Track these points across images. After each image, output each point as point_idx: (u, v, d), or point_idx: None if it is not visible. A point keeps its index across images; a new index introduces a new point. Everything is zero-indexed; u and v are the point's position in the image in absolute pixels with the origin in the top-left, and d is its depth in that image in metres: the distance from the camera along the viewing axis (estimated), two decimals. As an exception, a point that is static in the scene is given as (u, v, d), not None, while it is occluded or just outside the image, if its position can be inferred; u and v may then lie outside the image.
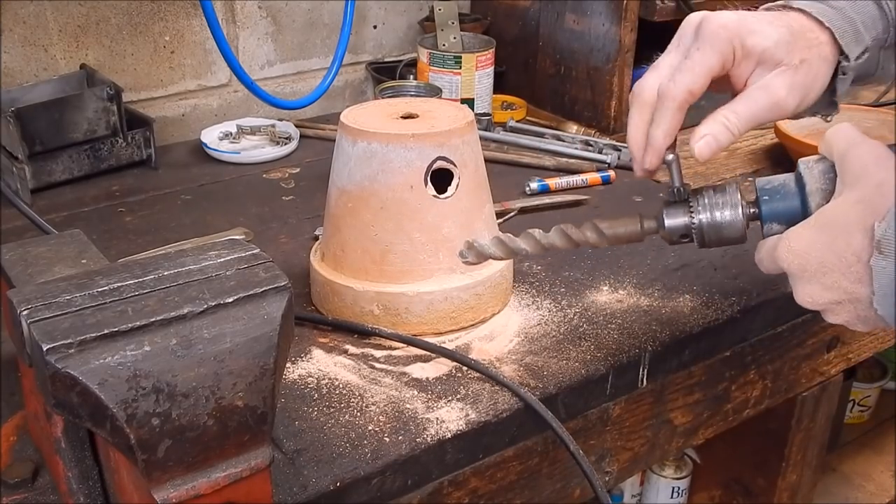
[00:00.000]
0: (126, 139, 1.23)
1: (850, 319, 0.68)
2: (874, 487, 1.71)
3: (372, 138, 0.83)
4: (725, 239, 0.75)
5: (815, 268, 0.66)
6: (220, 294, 0.54)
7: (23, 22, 1.21)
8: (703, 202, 0.75)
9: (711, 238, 0.75)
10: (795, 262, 0.67)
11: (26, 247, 0.65)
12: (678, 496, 1.46)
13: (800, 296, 0.68)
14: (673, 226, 0.75)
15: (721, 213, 0.74)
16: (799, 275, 0.67)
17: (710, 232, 0.74)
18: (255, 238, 1.05)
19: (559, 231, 0.76)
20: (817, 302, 0.68)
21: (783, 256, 0.68)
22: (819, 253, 0.65)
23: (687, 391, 0.93)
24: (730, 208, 0.74)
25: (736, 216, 0.74)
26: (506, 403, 0.77)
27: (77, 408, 0.49)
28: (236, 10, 1.38)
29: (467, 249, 0.78)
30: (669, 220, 0.75)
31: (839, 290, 0.65)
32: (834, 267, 0.65)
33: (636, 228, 0.77)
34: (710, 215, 0.74)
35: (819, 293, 0.67)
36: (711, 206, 0.74)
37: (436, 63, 1.36)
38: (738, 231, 0.74)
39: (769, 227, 0.74)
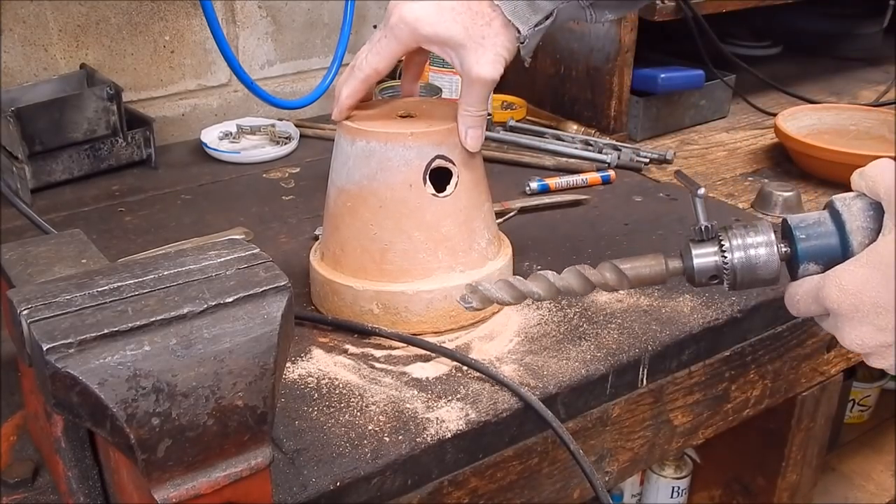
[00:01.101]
0: (126, 139, 1.23)
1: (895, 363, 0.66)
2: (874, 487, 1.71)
3: (371, 137, 0.83)
4: (759, 280, 0.70)
5: (869, 308, 0.63)
6: (220, 294, 0.54)
7: (23, 22, 1.21)
8: (735, 241, 0.70)
9: (745, 279, 0.70)
10: (847, 302, 0.64)
11: (26, 246, 0.65)
12: (678, 496, 1.46)
13: (849, 338, 0.66)
14: (702, 267, 0.71)
15: (756, 252, 0.69)
16: (850, 316, 0.64)
17: (744, 273, 0.70)
18: (254, 238, 1.05)
19: (575, 272, 0.71)
20: (867, 344, 0.65)
21: (832, 296, 0.65)
22: (874, 293, 0.63)
23: (687, 391, 0.93)
24: (765, 247, 0.69)
25: (771, 255, 0.69)
26: (506, 403, 0.77)
27: (77, 407, 0.49)
28: (236, 10, 1.38)
29: (471, 293, 0.72)
30: (699, 260, 0.71)
31: (892, 332, 0.63)
32: (889, 307, 0.62)
33: (661, 269, 0.72)
34: (744, 254, 0.69)
35: (870, 335, 0.64)
36: (745, 245, 0.70)
37: (436, 63, 1.36)
38: (773, 271, 0.70)
39: (805, 268, 0.70)
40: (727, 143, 1.42)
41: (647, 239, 1.06)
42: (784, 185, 1.18)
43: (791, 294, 0.71)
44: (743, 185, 1.24)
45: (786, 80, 1.66)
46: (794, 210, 1.14)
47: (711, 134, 1.45)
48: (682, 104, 1.45)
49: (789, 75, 1.72)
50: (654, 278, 0.73)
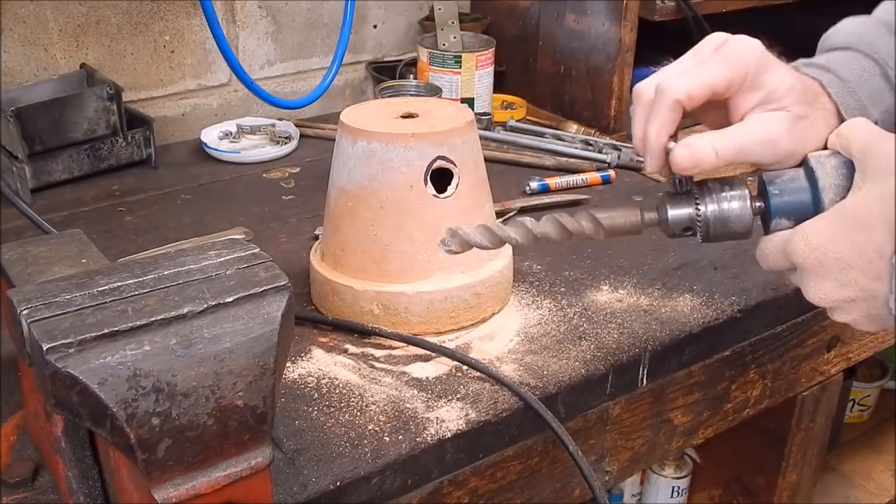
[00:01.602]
0: (126, 139, 1.23)
1: (859, 318, 0.67)
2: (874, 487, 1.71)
3: (372, 138, 0.83)
4: (732, 233, 0.72)
5: (833, 263, 0.64)
6: (220, 293, 0.54)
7: (23, 21, 1.21)
8: (709, 194, 0.72)
9: (717, 231, 0.72)
10: (812, 257, 0.65)
11: (26, 246, 0.65)
12: (678, 496, 1.46)
13: (812, 292, 0.67)
14: (676, 218, 0.73)
15: (729, 206, 0.71)
16: (814, 270, 0.66)
17: (717, 225, 0.72)
18: (254, 237, 1.05)
19: (552, 220, 0.72)
20: (830, 299, 0.66)
21: (798, 250, 0.66)
22: (838, 247, 0.64)
23: (687, 391, 0.93)
24: (738, 201, 0.71)
25: (744, 208, 0.71)
26: (506, 403, 0.77)
27: (77, 407, 0.49)
28: (236, 10, 1.38)
29: (450, 237, 0.73)
30: (673, 211, 0.73)
31: (855, 287, 0.64)
32: (853, 262, 0.63)
33: (636, 220, 0.74)
34: (717, 207, 0.72)
35: (833, 290, 0.65)
36: (718, 198, 0.72)
37: (436, 62, 1.36)
38: (745, 225, 0.71)
39: (777, 223, 0.71)
40: (727, 142, 1.42)
41: (647, 238, 1.05)
42: (784, 184, 1.18)
43: (762, 248, 0.72)
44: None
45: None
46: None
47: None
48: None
49: (789, 75, 1.72)
50: (630, 228, 0.74)
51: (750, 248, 1.02)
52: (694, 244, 0.77)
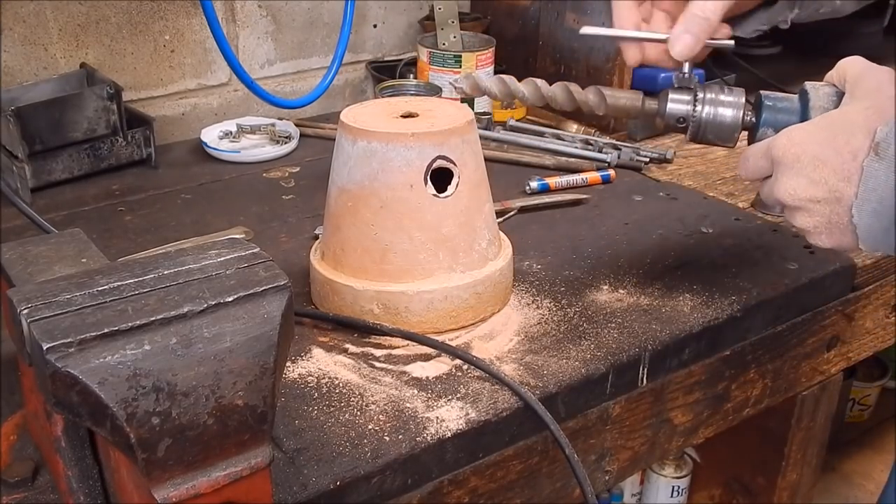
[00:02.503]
0: (126, 138, 1.23)
1: (820, 225, 0.68)
2: (874, 486, 1.71)
3: (372, 137, 0.83)
4: (718, 137, 0.78)
5: (809, 160, 0.67)
6: (220, 293, 0.54)
7: (23, 21, 1.21)
8: (709, 95, 0.77)
9: (706, 133, 0.78)
10: (791, 152, 0.68)
11: (26, 246, 0.65)
12: (678, 495, 1.46)
13: (781, 188, 0.69)
14: (673, 110, 0.78)
15: (724, 111, 0.77)
16: (790, 165, 0.68)
17: (707, 126, 0.77)
18: (254, 237, 1.05)
19: (562, 86, 0.77)
20: (798, 196, 0.68)
21: (780, 145, 0.69)
22: (817, 146, 0.66)
23: (687, 390, 0.93)
24: (733, 108, 0.77)
25: (736, 118, 0.77)
26: (506, 403, 0.77)
27: (77, 407, 0.49)
28: (236, 10, 1.38)
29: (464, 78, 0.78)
30: (672, 104, 0.78)
31: (824, 187, 0.66)
32: (828, 161, 0.66)
33: (637, 103, 0.79)
34: (713, 110, 0.77)
35: (803, 187, 0.68)
36: (716, 101, 0.77)
37: (436, 62, 1.36)
38: (733, 131, 0.77)
39: (763, 132, 0.76)
40: (727, 142, 1.42)
41: (648, 238, 1.06)
42: (784, 184, 1.18)
43: (745, 155, 0.75)
44: (743, 185, 1.24)
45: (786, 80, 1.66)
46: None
47: (711, 133, 1.45)
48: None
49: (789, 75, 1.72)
50: (630, 110, 0.80)
51: (750, 249, 1.03)
52: (694, 244, 0.79)
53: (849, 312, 1.07)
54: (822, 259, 1.02)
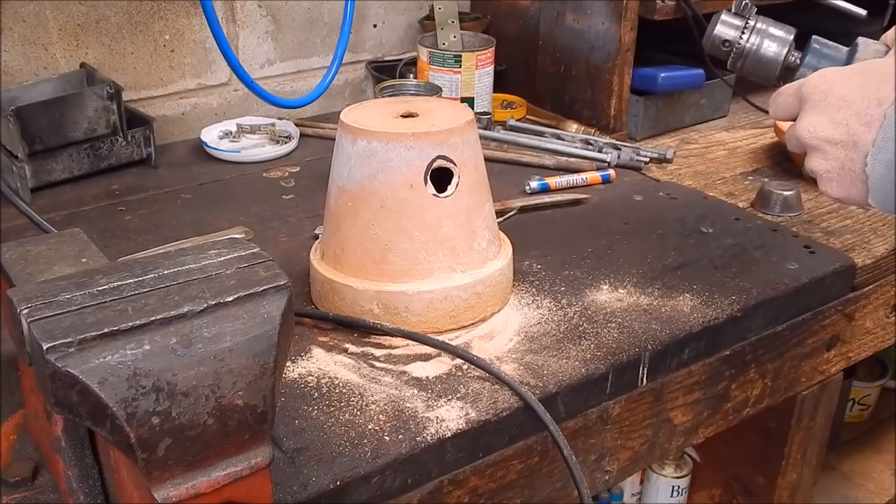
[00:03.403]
0: (126, 138, 1.23)
1: (832, 169, 0.68)
2: (874, 486, 1.71)
3: (372, 137, 0.83)
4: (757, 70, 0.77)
5: (835, 100, 0.67)
6: (220, 293, 0.54)
7: (23, 21, 1.21)
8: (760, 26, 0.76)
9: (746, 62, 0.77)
10: (820, 89, 0.68)
11: (26, 245, 0.65)
12: (678, 495, 1.46)
13: (802, 124, 0.69)
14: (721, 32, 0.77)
15: (769, 44, 0.76)
16: (816, 103, 0.68)
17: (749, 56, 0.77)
18: (255, 237, 1.05)
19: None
20: (815, 134, 0.68)
21: (812, 81, 0.69)
22: (846, 88, 0.66)
23: (687, 390, 0.93)
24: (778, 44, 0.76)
25: (780, 53, 0.76)
26: (506, 402, 0.77)
27: (77, 406, 0.49)
28: (236, 9, 1.38)
29: None
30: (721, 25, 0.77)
31: (844, 129, 0.66)
32: (853, 104, 0.66)
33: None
34: (759, 41, 0.76)
35: (823, 126, 0.68)
36: (765, 33, 0.76)
37: (436, 62, 1.36)
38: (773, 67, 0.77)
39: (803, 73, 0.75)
40: (727, 142, 1.42)
41: (648, 238, 1.06)
42: (784, 184, 1.18)
43: (777, 92, 0.75)
44: (743, 185, 1.24)
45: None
46: (794, 209, 1.14)
47: (711, 133, 1.45)
48: (682, 103, 1.45)
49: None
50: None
51: (750, 249, 1.03)
52: (694, 244, 0.79)
53: (849, 312, 1.07)
54: (822, 259, 1.02)
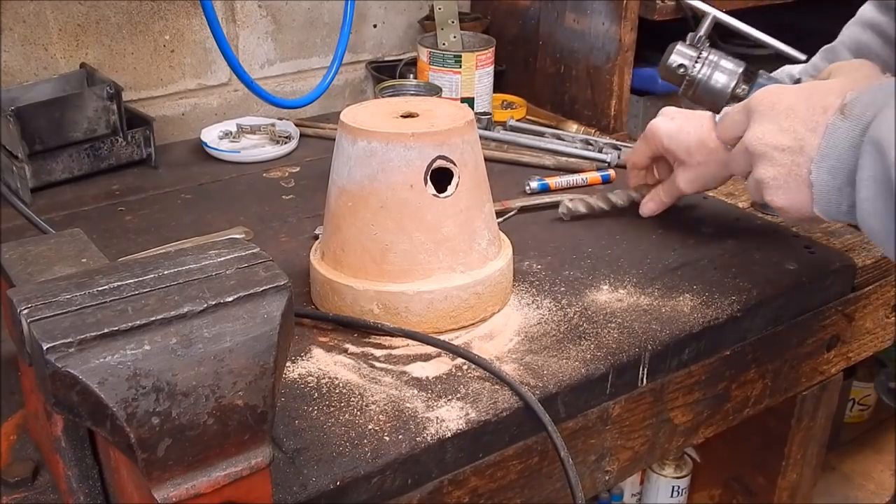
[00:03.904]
0: (126, 138, 1.23)
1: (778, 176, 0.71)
2: (874, 486, 1.71)
3: (372, 137, 0.83)
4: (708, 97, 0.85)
5: (783, 108, 0.71)
6: (220, 293, 0.54)
7: (23, 21, 1.21)
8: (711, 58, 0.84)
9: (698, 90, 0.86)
10: (768, 100, 0.73)
11: (26, 246, 0.65)
12: (678, 495, 1.46)
13: (751, 133, 0.73)
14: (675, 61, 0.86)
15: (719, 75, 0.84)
16: (764, 113, 0.72)
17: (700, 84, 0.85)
18: (255, 237, 1.05)
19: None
20: (764, 141, 0.72)
21: (759, 95, 0.74)
22: (793, 99, 0.71)
23: (687, 390, 0.93)
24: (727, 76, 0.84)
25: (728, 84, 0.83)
26: (506, 402, 0.77)
27: (77, 407, 0.49)
28: (236, 10, 1.38)
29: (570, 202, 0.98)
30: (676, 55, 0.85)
31: (791, 135, 0.70)
32: (800, 111, 0.70)
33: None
34: (709, 71, 0.84)
35: (772, 133, 0.71)
36: (715, 64, 0.84)
37: (436, 62, 1.36)
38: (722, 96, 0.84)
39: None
40: (727, 142, 1.42)
41: (648, 238, 1.06)
42: (784, 184, 1.18)
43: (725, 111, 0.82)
44: (743, 185, 1.24)
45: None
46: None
47: (711, 133, 1.45)
48: (682, 104, 1.45)
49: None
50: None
51: (750, 249, 1.03)
52: (694, 244, 0.79)
53: (849, 312, 1.07)
54: (823, 259, 1.02)
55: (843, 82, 0.70)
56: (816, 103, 0.69)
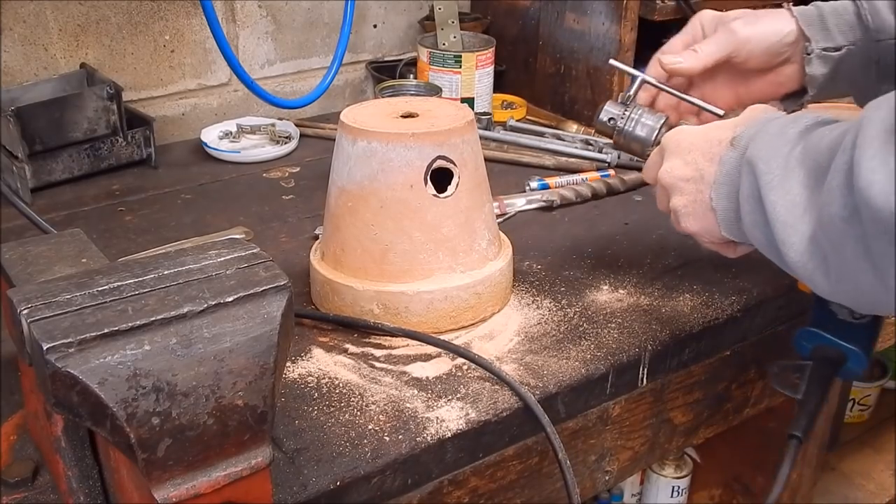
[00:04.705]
0: (126, 138, 1.23)
1: (688, 204, 0.79)
2: (874, 486, 1.71)
3: (372, 137, 0.83)
4: (631, 148, 1.00)
5: (686, 145, 0.80)
6: (220, 293, 0.54)
7: (23, 21, 1.21)
8: (634, 114, 0.99)
9: (623, 141, 1.00)
10: (674, 139, 0.82)
11: (26, 246, 0.65)
12: (678, 495, 1.46)
13: (663, 169, 0.82)
14: (606, 113, 1.00)
15: (641, 130, 0.98)
16: (672, 150, 0.81)
17: (625, 136, 0.99)
18: (255, 237, 1.05)
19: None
20: (672, 174, 0.80)
21: (669, 135, 0.83)
22: (694, 136, 0.80)
23: (687, 390, 0.93)
24: (648, 129, 0.98)
25: (648, 138, 0.98)
26: (506, 403, 0.77)
27: (77, 407, 0.49)
28: (236, 10, 1.38)
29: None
30: (604, 113, 1.00)
31: (693, 166, 0.78)
32: (699, 146, 0.79)
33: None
34: (633, 125, 0.99)
35: (678, 167, 0.80)
36: (638, 120, 0.99)
37: (436, 62, 1.36)
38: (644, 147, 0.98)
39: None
40: (727, 142, 1.42)
41: (647, 238, 1.06)
42: (784, 184, 1.18)
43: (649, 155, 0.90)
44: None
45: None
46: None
47: (711, 133, 1.45)
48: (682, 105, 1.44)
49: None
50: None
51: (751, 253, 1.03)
52: (694, 244, 0.79)
53: (849, 312, 1.07)
54: (822, 259, 1.02)
55: (737, 119, 0.79)
56: (713, 138, 0.78)
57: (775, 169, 0.69)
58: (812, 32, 0.93)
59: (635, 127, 0.99)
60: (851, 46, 0.93)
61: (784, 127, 0.72)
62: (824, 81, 0.95)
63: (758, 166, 0.70)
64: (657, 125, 0.98)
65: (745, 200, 0.72)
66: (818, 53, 0.93)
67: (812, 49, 0.93)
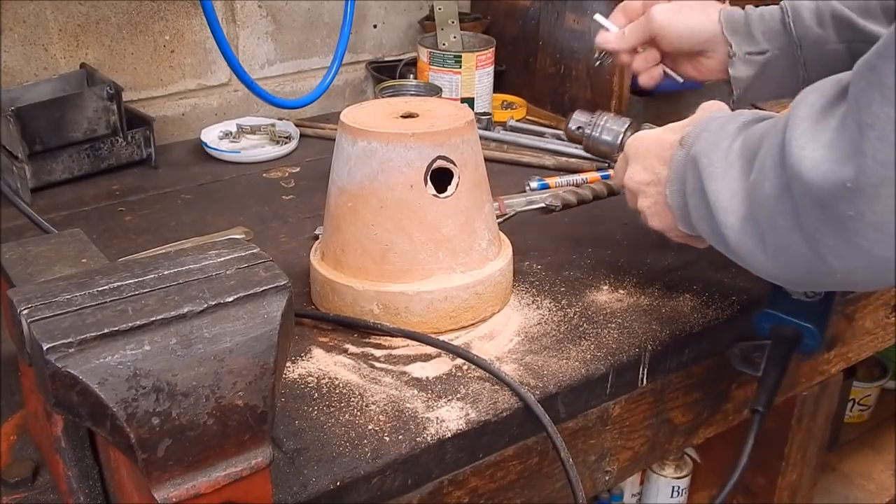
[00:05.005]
0: (126, 138, 1.23)
1: (651, 205, 0.84)
2: (874, 486, 1.71)
3: (372, 137, 0.83)
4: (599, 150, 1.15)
5: (643, 152, 0.84)
6: (220, 293, 0.54)
7: (23, 21, 1.21)
8: (600, 121, 1.15)
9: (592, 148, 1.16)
10: (634, 146, 0.86)
11: (26, 246, 0.65)
12: (678, 495, 1.46)
13: (627, 175, 0.86)
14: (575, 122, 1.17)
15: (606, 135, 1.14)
16: (633, 156, 0.86)
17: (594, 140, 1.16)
18: (255, 237, 1.05)
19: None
20: (635, 180, 0.85)
21: (629, 142, 0.87)
22: (650, 141, 0.84)
23: (687, 390, 0.93)
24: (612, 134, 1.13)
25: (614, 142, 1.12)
26: (506, 403, 0.77)
27: (77, 407, 0.49)
28: (236, 10, 1.38)
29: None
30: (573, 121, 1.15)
31: (651, 171, 0.83)
32: (655, 151, 0.83)
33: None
34: (599, 131, 1.15)
35: (639, 172, 0.84)
36: (604, 126, 1.15)
37: (436, 62, 1.36)
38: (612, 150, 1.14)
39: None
40: (727, 142, 1.42)
41: (648, 238, 1.05)
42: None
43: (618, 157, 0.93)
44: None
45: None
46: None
47: (711, 133, 1.45)
48: (682, 104, 1.44)
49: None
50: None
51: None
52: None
53: (849, 312, 1.07)
54: (822, 259, 1.02)
55: (687, 120, 0.82)
56: (666, 141, 0.82)
57: (716, 162, 0.73)
58: (735, 37, 0.98)
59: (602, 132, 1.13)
60: (777, 51, 0.98)
61: (724, 123, 0.76)
62: (750, 83, 1.00)
63: (700, 161, 0.74)
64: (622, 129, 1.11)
65: (690, 195, 0.76)
66: (741, 56, 0.98)
67: (734, 52, 0.98)
